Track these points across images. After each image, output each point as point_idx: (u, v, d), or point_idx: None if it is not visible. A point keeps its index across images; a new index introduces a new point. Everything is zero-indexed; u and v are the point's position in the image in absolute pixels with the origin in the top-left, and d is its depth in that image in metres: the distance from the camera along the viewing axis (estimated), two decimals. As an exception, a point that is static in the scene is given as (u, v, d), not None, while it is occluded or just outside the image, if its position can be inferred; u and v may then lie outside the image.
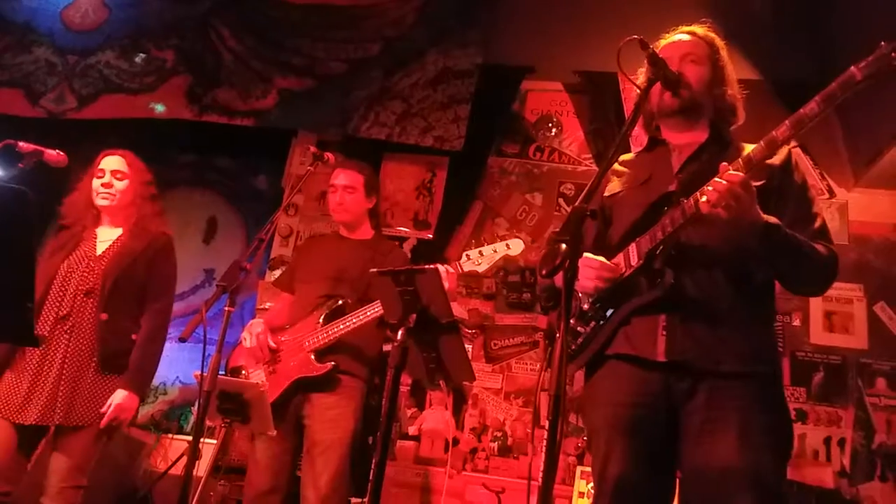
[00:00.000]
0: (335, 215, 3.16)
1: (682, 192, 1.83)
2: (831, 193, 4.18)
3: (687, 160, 1.96)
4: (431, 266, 2.06)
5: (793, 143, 1.78)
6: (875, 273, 4.04)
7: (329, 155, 2.83)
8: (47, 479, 2.60)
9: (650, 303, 1.83)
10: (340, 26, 4.79)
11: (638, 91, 1.93)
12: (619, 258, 1.90)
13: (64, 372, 2.66)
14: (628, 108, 4.18)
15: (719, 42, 2.06)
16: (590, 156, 4.54)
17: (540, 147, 4.66)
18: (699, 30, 2.06)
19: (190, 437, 3.15)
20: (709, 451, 1.73)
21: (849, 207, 4.14)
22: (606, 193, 2.07)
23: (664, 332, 1.81)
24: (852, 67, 1.61)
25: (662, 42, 2.07)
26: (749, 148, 1.79)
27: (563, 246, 1.47)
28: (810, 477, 3.74)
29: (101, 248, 2.87)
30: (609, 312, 1.91)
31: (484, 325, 4.39)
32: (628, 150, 2.23)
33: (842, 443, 3.83)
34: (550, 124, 4.67)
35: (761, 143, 1.71)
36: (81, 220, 2.93)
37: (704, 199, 1.69)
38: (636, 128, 2.02)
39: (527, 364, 4.29)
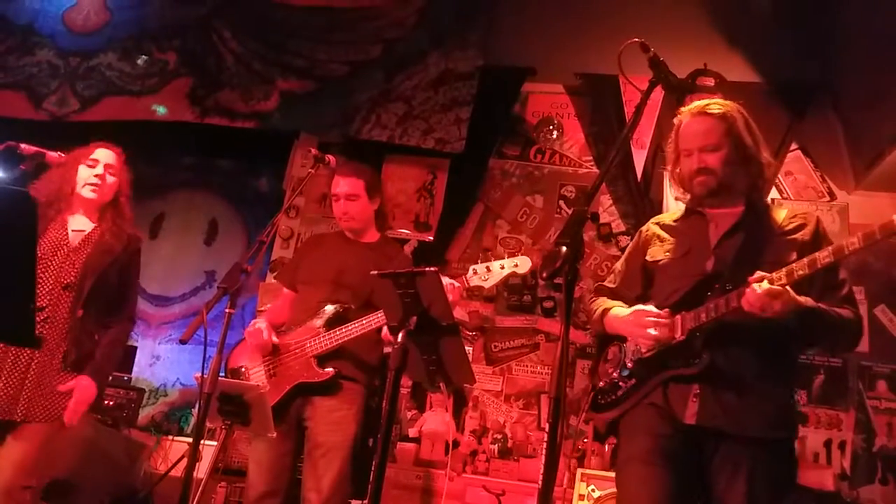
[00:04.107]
0: (341, 223, 3.10)
1: (717, 271, 2.04)
2: (832, 196, 4.18)
3: (723, 235, 2.11)
4: (432, 268, 2.06)
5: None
6: (875, 275, 4.02)
7: (330, 157, 2.82)
8: None
9: (686, 375, 2.01)
10: (342, 28, 4.80)
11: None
12: (676, 320, 2.04)
13: (33, 365, 2.56)
14: (629, 110, 4.18)
15: (737, 112, 2.11)
16: (590, 158, 4.53)
17: (541, 149, 4.66)
18: (714, 108, 2.11)
19: (190, 439, 3.15)
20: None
21: (849, 210, 4.14)
22: (649, 258, 2.24)
23: (695, 399, 1.98)
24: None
25: (680, 120, 2.18)
26: (781, 214, 2.09)
27: (564, 249, 1.48)
28: (811, 480, 3.73)
29: (74, 238, 2.75)
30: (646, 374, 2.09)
31: (484, 327, 4.39)
32: (629, 153, 2.27)
33: (842, 445, 3.83)
34: (551, 126, 4.68)
35: (805, 261, 1.85)
36: (54, 205, 2.76)
37: (743, 299, 1.86)
38: (636, 130, 2.05)
39: (527, 366, 4.29)
